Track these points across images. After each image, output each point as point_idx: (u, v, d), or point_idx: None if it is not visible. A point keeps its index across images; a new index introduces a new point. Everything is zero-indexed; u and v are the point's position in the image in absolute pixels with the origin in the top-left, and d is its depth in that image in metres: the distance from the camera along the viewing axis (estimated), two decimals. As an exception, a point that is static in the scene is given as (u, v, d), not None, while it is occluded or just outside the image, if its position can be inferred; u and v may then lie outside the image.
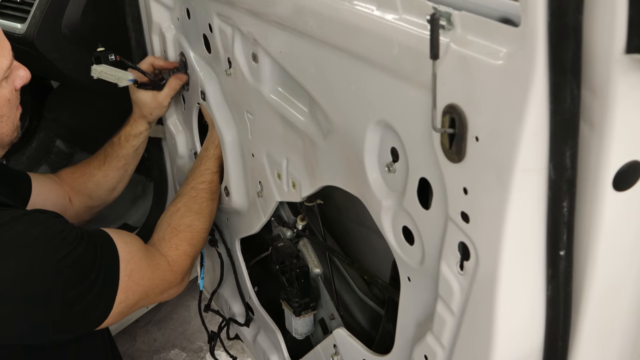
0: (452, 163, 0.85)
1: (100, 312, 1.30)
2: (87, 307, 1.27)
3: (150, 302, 1.46)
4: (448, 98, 0.82)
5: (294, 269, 1.51)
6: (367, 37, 0.95)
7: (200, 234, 1.60)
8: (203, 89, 1.61)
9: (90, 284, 1.25)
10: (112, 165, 1.78)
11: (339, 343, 1.41)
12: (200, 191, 1.63)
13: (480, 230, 0.84)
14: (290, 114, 1.29)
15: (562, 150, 0.73)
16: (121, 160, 1.78)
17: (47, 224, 1.25)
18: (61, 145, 2.66)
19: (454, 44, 0.80)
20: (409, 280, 1.08)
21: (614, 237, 0.79)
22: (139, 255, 1.39)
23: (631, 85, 0.69)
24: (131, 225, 2.39)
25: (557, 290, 0.82)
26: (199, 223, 1.59)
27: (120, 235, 1.38)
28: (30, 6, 1.89)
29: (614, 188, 0.75)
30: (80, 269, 1.24)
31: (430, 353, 1.03)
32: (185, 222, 1.57)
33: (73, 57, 1.97)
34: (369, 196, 1.09)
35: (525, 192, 0.77)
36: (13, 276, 1.18)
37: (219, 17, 1.42)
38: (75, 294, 1.24)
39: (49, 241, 1.22)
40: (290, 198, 1.42)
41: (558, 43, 0.68)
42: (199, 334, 2.53)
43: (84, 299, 1.25)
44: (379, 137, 1.03)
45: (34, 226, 1.22)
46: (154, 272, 1.42)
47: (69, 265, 1.23)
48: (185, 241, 1.54)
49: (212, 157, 1.66)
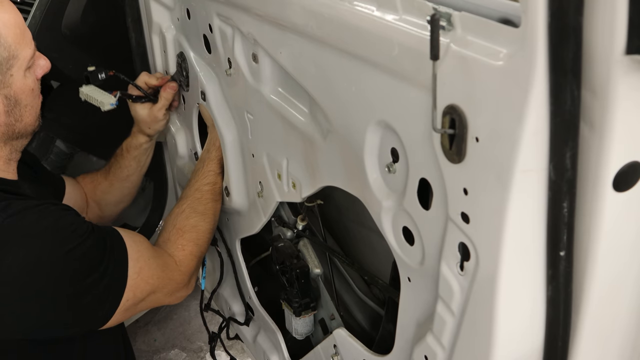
0: (452, 163, 0.85)
1: (107, 307, 1.30)
2: (94, 301, 1.27)
3: (158, 303, 1.47)
4: (448, 99, 0.82)
5: (294, 269, 1.51)
6: (367, 38, 0.95)
7: (206, 234, 1.61)
8: (203, 89, 1.61)
9: (98, 278, 1.26)
10: (116, 175, 1.80)
11: (339, 343, 1.41)
12: (205, 192, 1.64)
13: (480, 231, 0.84)
14: (291, 115, 1.29)
15: (562, 150, 0.73)
16: (124, 171, 1.79)
17: (57, 215, 1.26)
18: (61, 145, 2.66)
19: (454, 45, 0.80)
20: (409, 280, 1.08)
21: (614, 237, 0.79)
22: (148, 254, 1.40)
23: (631, 86, 0.69)
24: (131, 225, 2.39)
25: (557, 291, 0.82)
26: (204, 224, 1.60)
27: (129, 234, 1.39)
28: (30, 6, 1.89)
29: (614, 189, 0.75)
30: (88, 262, 1.25)
31: (430, 353, 1.03)
32: (190, 223, 1.58)
33: (73, 57, 1.97)
34: (369, 196, 1.09)
35: (525, 193, 0.77)
36: (22, 265, 1.19)
37: (219, 17, 1.42)
38: (83, 286, 1.24)
39: (59, 232, 1.23)
40: (291, 198, 1.42)
41: (558, 44, 0.68)
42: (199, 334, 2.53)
43: (91, 293, 1.25)
44: (379, 137, 1.03)
45: (45, 217, 1.23)
46: (162, 272, 1.42)
47: (78, 258, 1.23)
48: (191, 242, 1.55)
49: (215, 158, 1.66)
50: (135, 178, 1.83)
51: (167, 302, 1.51)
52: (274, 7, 1.17)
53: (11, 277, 1.19)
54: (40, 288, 1.21)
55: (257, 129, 1.46)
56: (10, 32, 1.25)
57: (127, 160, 1.78)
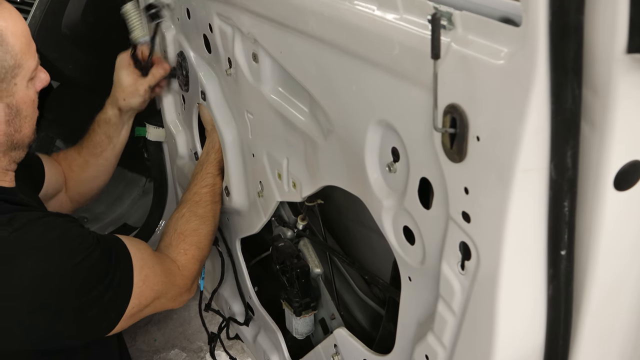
0: (453, 163, 0.85)
1: (112, 316, 1.31)
2: (100, 312, 1.28)
3: (162, 308, 1.47)
4: (449, 98, 0.82)
5: (295, 269, 1.51)
6: (368, 37, 0.95)
7: (207, 237, 1.61)
8: (203, 89, 1.61)
9: (104, 289, 1.26)
10: (89, 151, 1.78)
11: (339, 343, 1.41)
12: (204, 195, 1.64)
13: (481, 230, 0.84)
14: (291, 114, 1.29)
15: (563, 149, 0.73)
16: (97, 147, 1.77)
17: (64, 227, 1.26)
18: (61, 145, 2.66)
19: (455, 44, 0.80)
20: (409, 280, 1.08)
21: (615, 236, 0.79)
22: (152, 261, 1.40)
23: (632, 84, 0.69)
24: (131, 226, 2.39)
25: (558, 290, 0.82)
26: (204, 227, 1.60)
27: (133, 242, 1.40)
28: (30, 6, 1.89)
29: (615, 188, 0.75)
30: (95, 274, 1.25)
31: (431, 353, 1.03)
32: (191, 227, 1.57)
33: (73, 57, 1.97)
34: (370, 196, 1.09)
35: (526, 192, 0.77)
36: (30, 277, 1.18)
37: (219, 17, 1.42)
38: (89, 298, 1.24)
39: (66, 245, 1.23)
40: (291, 198, 1.42)
41: (559, 43, 0.68)
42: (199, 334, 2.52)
43: (97, 304, 1.26)
44: (380, 137, 1.03)
45: (51, 229, 1.23)
46: (166, 277, 1.43)
47: (85, 270, 1.24)
48: (193, 245, 1.55)
49: (213, 161, 1.66)
50: (108, 154, 1.79)
51: (171, 306, 1.51)
52: (274, 7, 1.17)
53: (19, 290, 1.18)
54: (47, 300, 1.21)
55: (257, 128, 1.46)
56: (18, 42, 1.25)
57: (99, 136, 1.76)
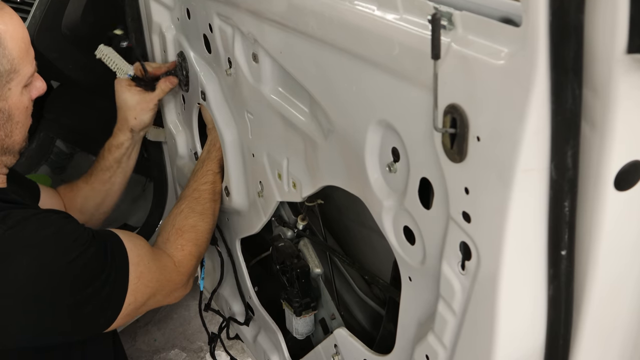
0: (453, 163, 0.85)
1: (109, 314, 1.30)
2: (95, 308, 1.27)
3: (157, 304, 1.47)
4: (449, 98, 0.82)
5: (295, 269, 1.51)
6: (368, 37, 0.95)
7: (205, 234, 1.60)
8: (203, 89, 1.60)
9: (100, 286, 1.26)
10: (98, 178, 1.76)
11: (339, 343, 1.41)
12: (203, 192, 1.64)
13: (481, 230, 0.84)
14: (291, 114, 1.29)
15: (563, 150, 0.73)
16: (106, 173, 1.75)
17: (59, 224, 1.25)
18: (61, 145, 2.66)
19: (455, 44, 0.80)
20: (410, 280, 1.08)
21: (616, 236, 0.79)
22: (148, 257, 1.40)
23: (632, 85, 0.69)
24: (131, 225, 2.39)
25: (559, 290, 0.82)
26: (202, 223, 1.60)
27: (130, 237, 1.39)
28: (30, 6, 1.89)
29: (616, 188, 0.75)
30: (90, 270, 1.25)
31: (431, 353, 1.03)
32: (189, 223, 1.57)
33: (73, 57, 1.97)
34: (370, 196, 1.09)
35: (526, 192, 0.77)
36: (25, 276, 1.18)
37: (219, 17, 1.42)
38: (85, 295, 1.24)
39: (61, 242, 1.23)
40: (291, 198, 1.42)
41: (559, 43, 0.68)
42: (199, 334, 2.53)
43: (92, 301, 1.26)
44: (380, 137, 1.03)
45: (46, 226, 1.23)
46: (162, 274, 1.42)
47: (80, 267, 1.23)
48: (190, 242, 1.54)
49: (214, 159, 1.66)
50: (117, 180, 1.77)
51: (166, 302, 1.51)
52: (275, 7, 1.17)
53: (14, 288, 1.18)
54: (43, 297, 1.20)
55: (257, 128, 1.46)
56: (16, 46, 1.25)
57: (109, 162, 1.74)
